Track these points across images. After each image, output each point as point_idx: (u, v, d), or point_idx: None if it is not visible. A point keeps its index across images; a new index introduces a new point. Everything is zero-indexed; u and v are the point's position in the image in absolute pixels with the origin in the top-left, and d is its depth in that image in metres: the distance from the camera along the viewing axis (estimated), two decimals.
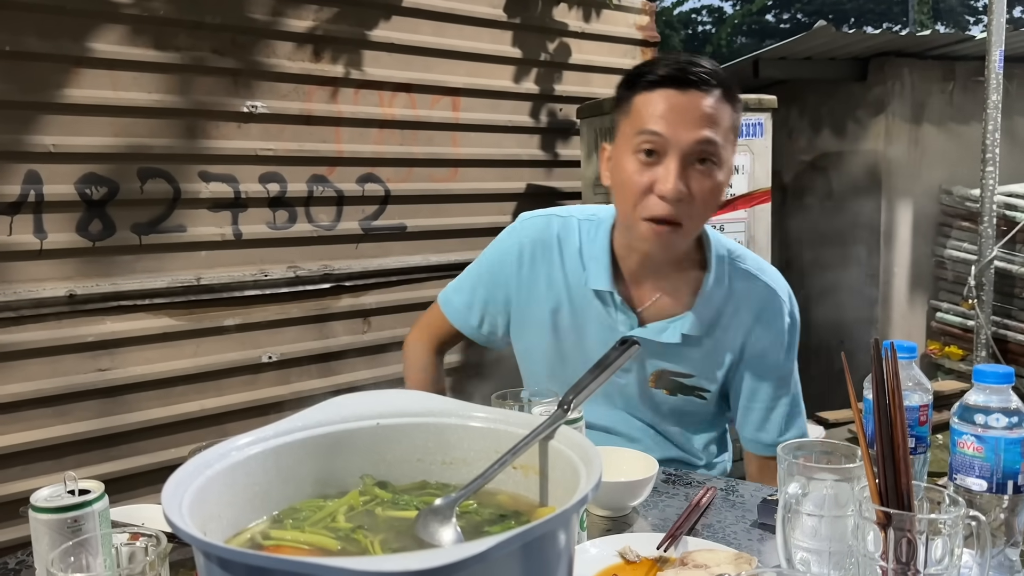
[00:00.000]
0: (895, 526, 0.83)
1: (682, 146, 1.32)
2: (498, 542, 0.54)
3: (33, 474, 2.41)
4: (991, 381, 0.99)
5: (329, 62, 2.92)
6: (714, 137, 1.33)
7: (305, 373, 2.98)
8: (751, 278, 1.52)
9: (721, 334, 1.50)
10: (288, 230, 2.89)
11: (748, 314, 1.50)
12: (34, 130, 2.38)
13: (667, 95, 1.33)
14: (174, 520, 0.60)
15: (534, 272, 1.57)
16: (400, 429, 0.87)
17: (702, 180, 1.35)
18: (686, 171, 1.33)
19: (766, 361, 1.52)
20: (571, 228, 1.56)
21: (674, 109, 1.32)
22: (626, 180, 1.37)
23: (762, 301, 1.51)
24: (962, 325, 5.11)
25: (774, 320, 1.51)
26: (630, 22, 3.76)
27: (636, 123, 1.35)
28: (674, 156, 1.32)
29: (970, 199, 4.97)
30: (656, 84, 1.34)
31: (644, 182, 1.34)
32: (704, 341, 1.49)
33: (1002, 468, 0.97)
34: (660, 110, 1.32)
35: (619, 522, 1.24)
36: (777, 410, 1.53)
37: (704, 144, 1.33)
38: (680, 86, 1.33)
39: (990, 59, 4.15)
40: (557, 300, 1.55)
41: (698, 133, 1.32)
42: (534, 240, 1.57)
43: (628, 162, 1.36)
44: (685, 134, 1.32)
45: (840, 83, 5.27)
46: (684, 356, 1.51)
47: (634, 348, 0.99)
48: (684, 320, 1.47)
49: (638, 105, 1.36)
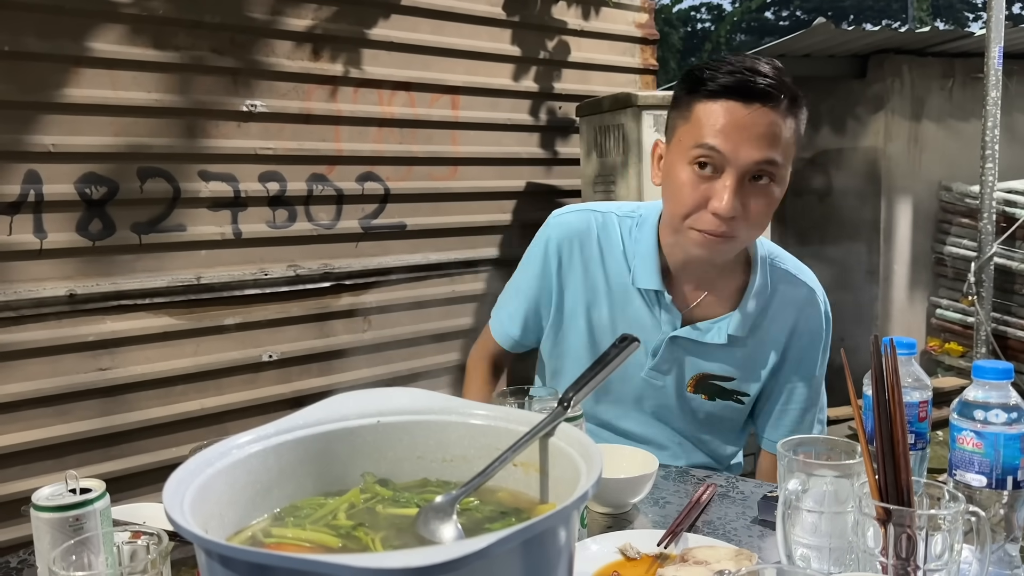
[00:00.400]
0: (895, 522, 0.83)
1: (741, 165, 1.27)
2: (500, 538, 0.54)
3: (33, 473, 2.41)
4: (991, 377, 0.99)
5: (328, 61, 2.92)
6: (775, 157, 1.28)
7: (305, 372, 2.99)
8: (792, 279, 1.51)
9: (764, 335, 1.48)
10: (288, 229, 2.89)
11: (790, 315, 1.49)
12: (34, 130, 2.39)
13: (730, 108, 1.26)
14: (176, 518, 0.60)
15: (572, 268, 1.52)
16: (401, 427, 0.87)
17: (758, 197, 1.30)
18: (742, 187, 1.29)
19: (805, 362, 1.51)
20: (611, 224, 1.52)
21: (736, 125, 1.26)
22: (679, 189, 1.33)
23: (803, 302, 1.50)
24: (962, 321, 5.11)
25: (814, 321, 1.51)
26: (629, 20, 3.76)
27: (695, 133, 1.29)
28: (732, 174, 1.27)
29: (970, 195, 4.97)
30: (720, 94, 1.27)
31: (698, 196, 1.30)
32: (748, 342, 1.48)
33: (1001, 464, 0.97)
34: (721, 124, 1.26)
35: (620, 519, 1.24)
36: (810, 412, 1.53)
37: (764, 164, 1.28)
38: (745, 99, 1.26)
39: (989, 55, 4.14)
40: (594, 297, 1.51)
41: (759, 153, 1.26)
42: (571, 236, 1.52)
43: (683, 171, 1.32)
44: (745, 153, 1.26)
45: (840, 80, 5.27)
46: (727, 357, 1.48)
47: (634, 345, 0.99)
48: (730, 320, 1.45)
49: (699, 113, 1.29)
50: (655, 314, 1.48)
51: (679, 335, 1.46)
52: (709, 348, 1.47)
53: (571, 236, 1.52)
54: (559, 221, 1.54)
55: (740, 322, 1.45)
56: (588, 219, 1.52)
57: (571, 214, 1.54)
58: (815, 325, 1.51)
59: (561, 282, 1.53)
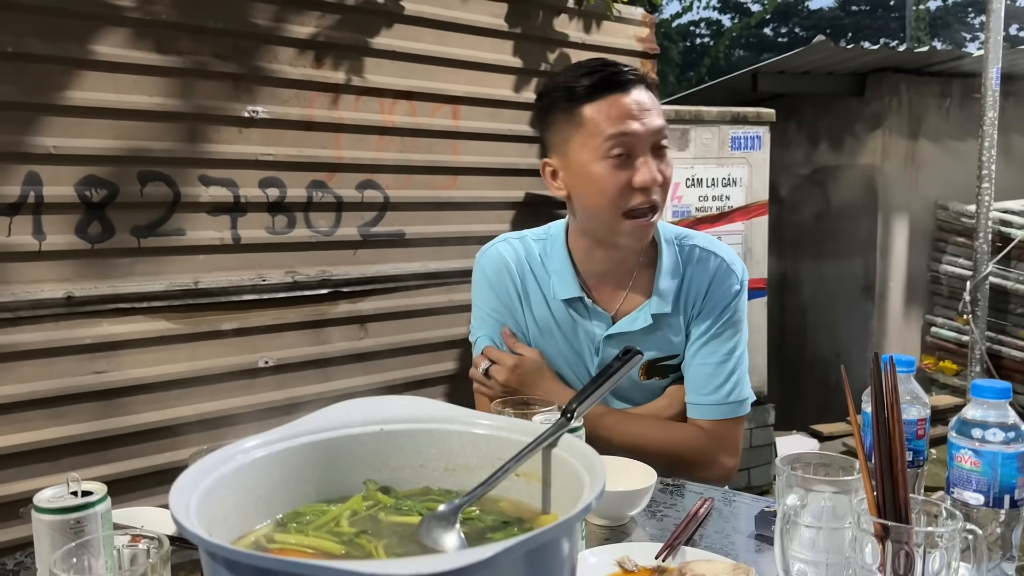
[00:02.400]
0: (893, 538, 0.84)
1: (649, 139, 1.43)
2: (505, 548, 0.54)
3: (29, 476, 2.40)
4: (989, 396, 1.00)
5: (330, 68, 2.93)
6: (664, 124, 1.46)
7: (302, 378, 2.98)
8: (701, 251, 1.60)
9: (684, 306, 1.58)
10: (287, 235, 2.89)
11: (702, 283, 1.57)
12: (35, 131, 2.39)
13: (617, 99, 1.43)
14: (182, 521, 0.60)
15: (510, 296, 1.63)
16: (404, 435, 0.87)
17: (665, 164, 1.47)
18: (653, 160, 1.45)
19: (716, 322, 1.57)
20: (530, 248, 1.64)
21: (630, 109, 1.42)
22: (602, 185, 1.45)
23: (716, 270, 1.58)
24: (957, 340, 5.13)
25: (723, 284, 1.57)
26: (630, 34, 3.77)
27: (598, 131, 1.43)
28: (644, 150, 1.43)
29: (966, 215, 4.99)
30: (600, 93, 1.43)
31: (622, 181, 1.43)
32: (673, 319, 1.56)
33: (999, 482, 0.98)
34: (617, 113, 1.42)
35: (617, 531, 1.24)
36: (721, 368, 1.56)
37: (661, 132, 1.45)
38: (622, 88, 1.43)
39: (987, 76, 4.18)
40: (541, 314, 1.61)
41: (654, 123, 1.44)
42: (499, 267, 1.63)
43: (598, 168, 1.44)
44: (648, 128, 1.43)
45: (838, 97, 5.30)
46: (662, 340, 1.57)
47: (637, 357, 1.00)
48: (649, 303, 1.55)
49: (591, 115, 1.44)
50: (586, 320, 1.58)
51: (612, 333, 1.56)
52: (642, 335, 1.56)
53: (499, 267, 1.63)
54: (487, 255, 1.66)
55: (659, 302, 1.54)
56: (509, 246, 1.65)
57: (494, 247, 1.67)
58: (726, 285, 1.57)
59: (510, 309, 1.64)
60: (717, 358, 1.56)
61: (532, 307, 1.62)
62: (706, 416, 1.56)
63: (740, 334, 1.58)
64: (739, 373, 1.57)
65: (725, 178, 3.66)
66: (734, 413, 1.56)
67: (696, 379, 1.57)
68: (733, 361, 1.56)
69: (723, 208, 3.67)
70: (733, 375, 1.56)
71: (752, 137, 3.71)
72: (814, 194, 5.59)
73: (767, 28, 19.11)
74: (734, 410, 1.56)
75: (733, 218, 3.68)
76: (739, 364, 1.57)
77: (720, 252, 1.60)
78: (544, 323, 1.61)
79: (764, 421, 3.70)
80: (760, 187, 3.77)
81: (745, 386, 1.58)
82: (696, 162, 3.59)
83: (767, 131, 3.77)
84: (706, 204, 3.63)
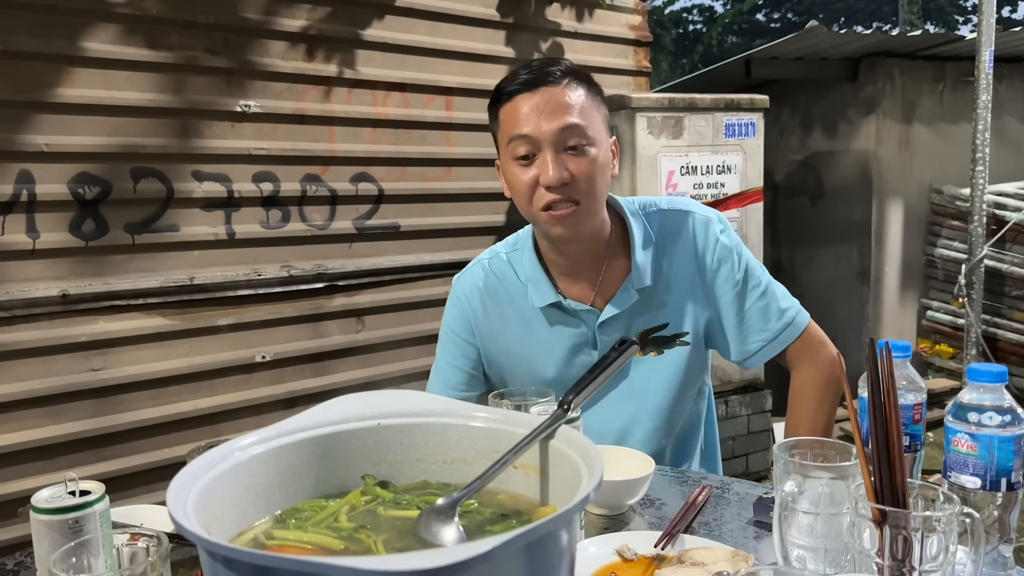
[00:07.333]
0: (891, 523, 0.84)
1: (548, 138, 1.41)
2: (504, 540, 0.54)
3: (26, 475, 2.40)
4: (985, 380, 1.00)
5: (322, 61, 2.92)
6: (575, 121, 1.42)
7: (298, 373, 2.98)
8: (669, 213, 1.59)
9: (669, 274, 1.56)
10: (281, 229, 2.89)
11: (687, 243, 1.57)
12: (27, 129, 2.38)
13: (522, 100, 1.44)
14: (180, 520, 0.60)
15: (487, 318, 1.63)
16: (401, 429, 0.87)
17: (579, 161, 1.43)
18: (561, 158, 1.42)
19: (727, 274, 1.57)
20: (502, 263, 1.64)
21: (531, 110, 1.42)
22: (516, 187, 1.46)
23: (691, 226, 1.57)
24: (952, 323, 5.14)
25: (711, 236, 1.57)
26: (623, 22, 3.76)
27: (506, 133, 1.45)
28: (546, 149, 1.42)
29: (960, 198, 5.00)
30: (512, 93, 1.45)
31: (529, 181, 1.44)
32: (658, 288, 1.56)
33: (995, 466, 0.98)
34: (520, 114, 1.43)
35: (616, 520, 1.25)
36: (769, 308, 1.57)
37: (567, 130, 1.41)
38: (530, 87, 1.44)
39: (980, 59, 4.17)
40: (521, 331, 1.61)
41: (558, 122, 1.41)
42: (471, 294, 1.64)
43: (512, 170, 1.46)
44: (547, 127, 1.41)
45: (831, 83, 5.30)
46: (651, 312, 1.57)
47: (633, 348, 1.00)
48: (630, 279, 1.54)
49: (503, 117, 1.47)
50: (572, 319, 1.57)
51: (604, 320, 1.55)
52: (630, 314, 1.55)
53: (471, 293, 1.64)
54: (459, 283, 1.67)
55: (639, 275, 1.53)
56: (481, 269, 1.65)
57: (465, 274, 1.68)
58: (713, 239, 1.57)
59: (485, 337, 1.64)
60: (754, 298, 1.56)
61: (512, 325, 1.62)
62: (788, 340, 1.57)
63: (754, 265, 1.59)
64: (780, 293, 1.59)
65: (719, 165, 3.65)
66: (803, 323, 1.58)
67: (753, 325, 1.57)
68: (769, 290, 1.57)
69: (718, 195, 3.67)
70: (778, 299, 1.57)
71: (746, 124, 3.70)
72: (808, 180, 5.59)
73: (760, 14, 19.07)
74: (800, 321, 1.58)
75: (728, 205, 3.68)
76: (774, 288, 1.59)
77: (686, 207, 1.60)
78: (529, 334, 1.61)
79: (761, 407, 3.70)
80: (754, 174, 3.77)
81: (791, 301, 1.60)
82: (690, 150, 3.58)
83: (761, 118, 3.76)
84: (700, 192, 3.62)
